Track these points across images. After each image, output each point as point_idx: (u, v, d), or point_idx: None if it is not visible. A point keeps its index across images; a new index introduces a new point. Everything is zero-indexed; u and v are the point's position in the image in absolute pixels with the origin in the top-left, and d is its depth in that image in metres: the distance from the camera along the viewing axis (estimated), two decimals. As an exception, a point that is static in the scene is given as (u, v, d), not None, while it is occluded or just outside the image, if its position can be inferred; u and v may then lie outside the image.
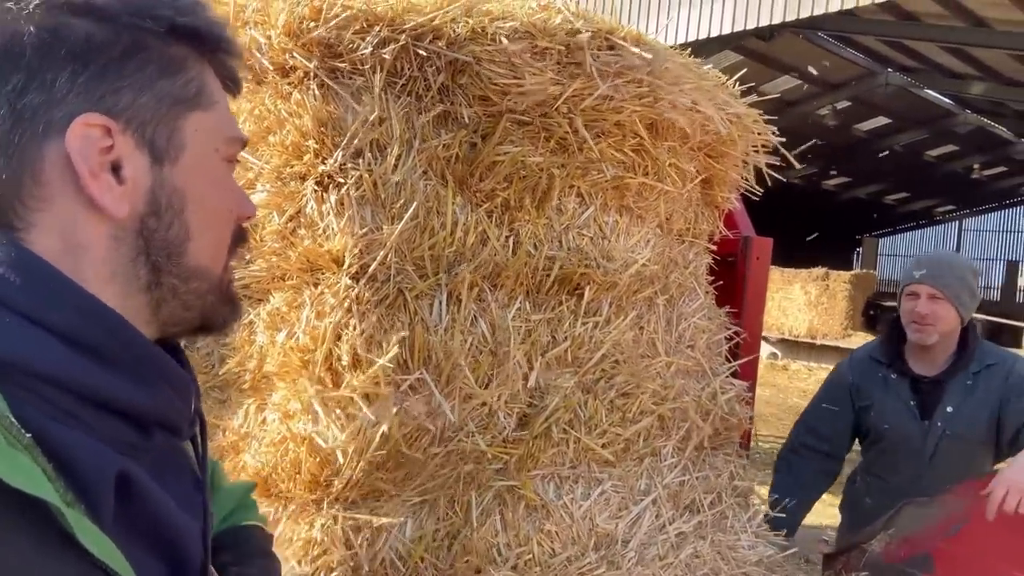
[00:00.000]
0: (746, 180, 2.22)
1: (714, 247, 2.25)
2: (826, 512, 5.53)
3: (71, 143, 0.58)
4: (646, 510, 1.69)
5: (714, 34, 9.86)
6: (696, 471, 1.87)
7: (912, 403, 2.37)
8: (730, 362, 2.16)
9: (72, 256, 0.59)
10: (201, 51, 0.66)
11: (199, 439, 0.74)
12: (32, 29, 0.56)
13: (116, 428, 0.58)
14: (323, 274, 1.48)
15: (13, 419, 0.50)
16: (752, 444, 2.36)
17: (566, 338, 1.69)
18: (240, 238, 0.72)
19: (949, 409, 2.31)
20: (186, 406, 0.67)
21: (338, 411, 1.44)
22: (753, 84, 2.14)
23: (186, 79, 0.64)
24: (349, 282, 1.42)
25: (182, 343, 0.73)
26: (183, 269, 0.65)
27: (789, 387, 10.44)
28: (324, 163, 1.50)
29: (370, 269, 1.43)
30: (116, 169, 0.60)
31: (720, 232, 2.27)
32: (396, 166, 1.51)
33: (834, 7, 8.65)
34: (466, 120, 1.63)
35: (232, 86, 0.71)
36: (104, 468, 0.54)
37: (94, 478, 0.53)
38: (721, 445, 2.03)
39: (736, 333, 2.25)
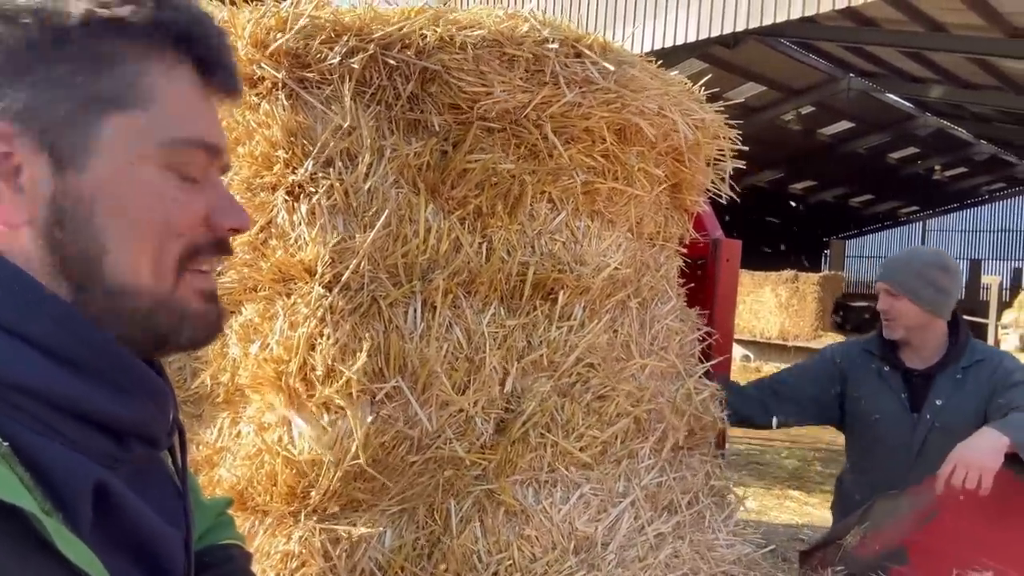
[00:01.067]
0: (714, 184, 2.26)
1: (684, 250, 2.28)
2: (803, 511, 5.61)
3: None
4: (624, 512, 1.70)
5: (679, 42, 10.01)
6: (673, 472, 1.88)
7: (903, 395, 2.42)
8: (703, 363, 2.19)
9: None
10: (145, 44, 0.60)
11: (177, 449, 0.73)
12: None
13: (94, 439, 0.58)
14: (295, 284, 1.47)
15: None
16: (727, 446, 2.39)
17: (541, 343, 1.70)
18: (219, 250, 0.66)
19: (938, 402, 2.36)
20: (164, 416, 0.66)
21: (313, 422, 1.43)
22: (718, 91, 2.18)
23: (112, 76, 0.58)
24: (322, 291, 1.41)
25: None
26: (104, 286, 0.59)
27: (763, 389, 10.55)
28: (294, 173, 1.50)
29: (343, 278, 1.43)
30: (16, 175, 0.56)
31: (690, 235, 2.30)
32: (367, 175, 1.51)
33: (795, 14, 8.82)
34: (436, 128, 1.64)
35: (214, 79, 0.64)
36: (81, 478, 0.54)
37: (71, 488, 0.53)
38: (697, 445, 2.05)
39: (708, 334, 2.27)
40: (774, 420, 2.56)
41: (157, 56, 0.61)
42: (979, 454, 1.99)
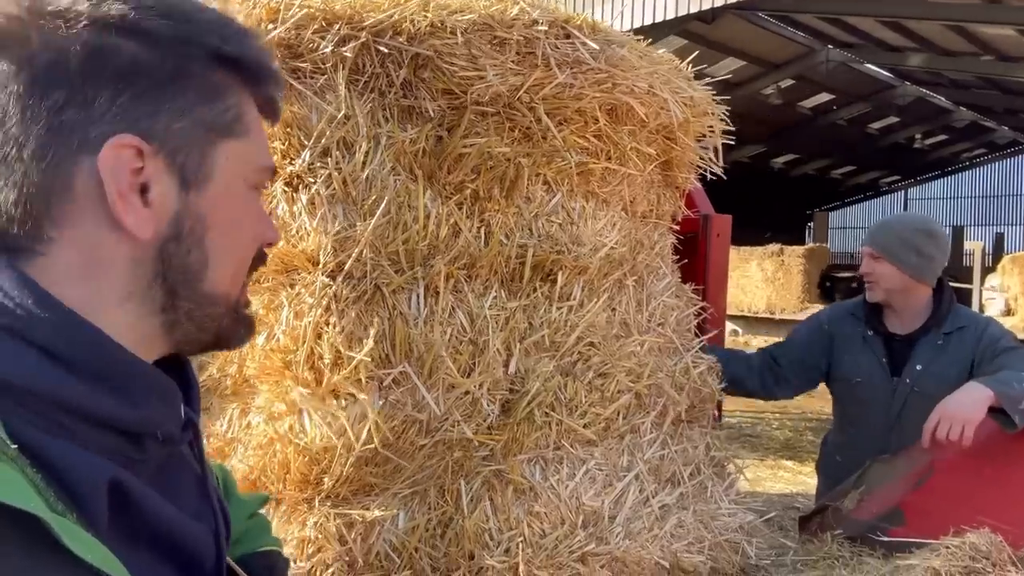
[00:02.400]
0: (703, 160, 2.28)
1: (677, 227, 2.30)
2: (796, 480, 5.69)
3: (104, 162, 0.58)
4: (630, 485, 1.74)
5: (658, 19, 9.99)
6: (674, 444, 1.92)
7: (884, 359, 2.46)
8: (699, 337, 2.22)
9: (91, 273, 0.60)
10: (243, 80, 0.66)
11: (195, 443, 0.74)
12: (79, 47, 0.57)
13: (107, 440, 0.59)
14: (299, 274, 1.48)
15: (0, 431, 0.51)
16: (721, 419, 2.42)
17: (542, 324, 1.73)
18: (259, 262, 0.73)
19: (918, 367, 2.40)
20: (175, 413, 0.67)
21: (323, 409, 1.45)
22: (699, 67, 2.19)
23: (224, 107, 0.65)
24: (326, 280, 1.43)
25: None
26: (199, 295, 0.65)
27: (752, 362, 10.65)
28: (292, 164, 1.50)
29: (346, 267, 1.44)
30: (144, 191, 0.60)
31: (681, 212, 2.33)
32: (364, 163, 1.52)
33: (773, -14, 8.81)
34: (431, 114, 1.65)
35: (270, 114, 0.71)
36: (95, 476, 0.55)
37: (85, 486, 0.54)
38: (696, 418, 2.08)
39: (703, 308, 2.31)
40: (773, 393, 2.61)
41: (247, 90, 0.67)
42: (962, 407, 2.05)
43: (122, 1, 0.59)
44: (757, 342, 13.30)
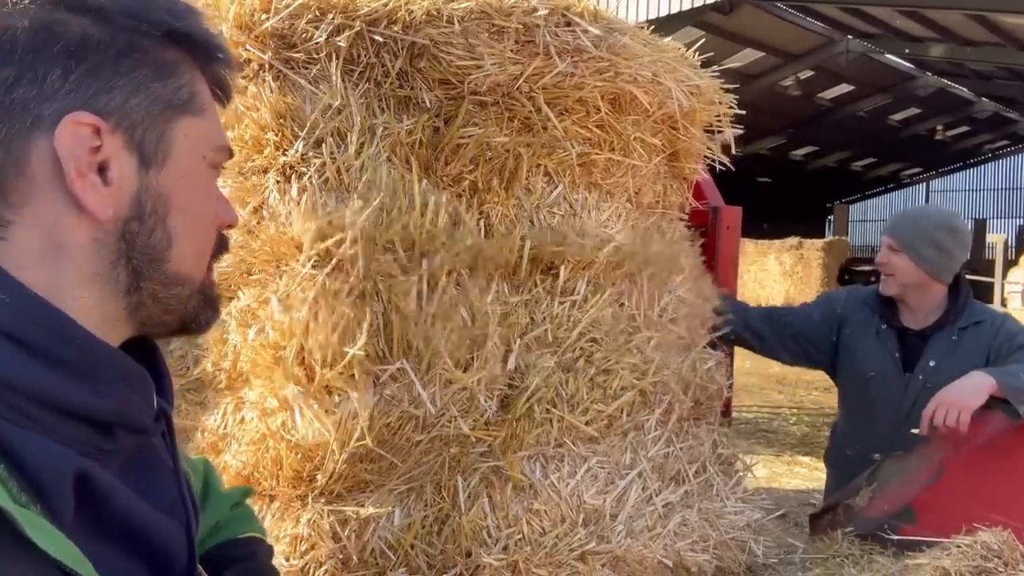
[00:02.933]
0: (711, 151, 2.23)
1: (685, 218, 2.26)
2: (813, 476, 5.63)
3: (60, 140, 0.57)
4: (632, 483, 1.70)
5: (675, 10, 9.90)
6: (680, 442, 1.88)
7: (897, 354, 2.40)
8: (712, 332, 2.17)
9: (52, 255, 0.59)
10: (194, 57, 0.66)
11: (167, 434, 0.72)
12: (26, 23, 0.56)
13: (76, 430, 0.57)
14: (288, 265, 1.46)
15: None
16: (734, 414, 2.38)
17: (544, 318, 1.69)
18: (222, 247, 0.73)
19: (932, 363, 2.34)
20: (146, 402, 0.65)
21: (316, 405, 1.42)
22: (715, 57, 2.14)
23: (178, 84, 0.64)
24: (312, 271, 1.40)
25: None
26: (164, 275, 0.64)
27: (769, 357, 10.57)
28: (285, 154, 1.48)
29: (335, 257, 1.42)
30: (103, 170, 0.59)
31: (689, 203, 2.28)
32: (358, 153, 1.49)
33: (791, -23, 8.70)
34: (428, 104, 1.62)
35: (222, 95, 0.70)
36: (59, 467, 0.53)
37: (49, 478, 0.52)
38: (703, 415, 2.04)
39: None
40: (774, 353, 2.58)
41: (198, 68, 0.67)
42: (961, 393, 2.02)
43: None
44: (775, 337, 13.17)
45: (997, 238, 12.81)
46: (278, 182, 1.48)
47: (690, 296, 2.06)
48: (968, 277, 2.58)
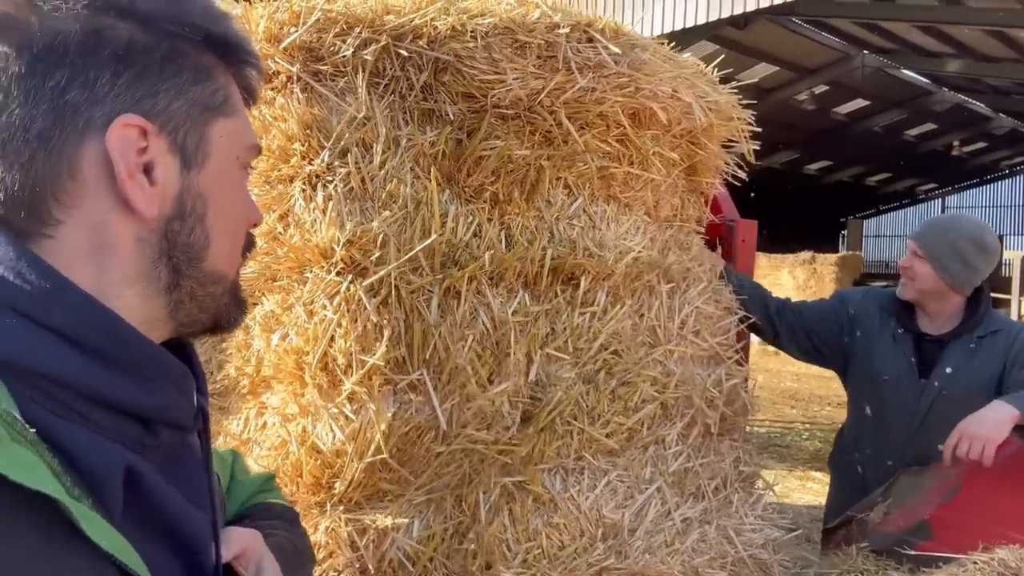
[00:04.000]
0: (728, 166, 2.24)
1: (702, 231, 2.27)
2: (825, 492, 5.57)
3: (111, 142, 0.59)
4: (651, 498, 1.70)
5: (689, 24, 9.91)
6: (701, 457, 1.87)
7: (913, 360, 2.38)
8: (736, 345, 2.17)
9: (98, 255, 0.60)
10: (228, 61, 0.68)
11: (203, 432, 0.74)
12: (77, 28, 0.58)
13: (122, 425, 0.59)
14: (313, 272, 1.47)
15: (17, 415, 0.51)
16: (748, 428, 2.37)
17: (565, 329, 1.70)
18: (250, 245, 0.74)
19: (948, 370, 2.31)
20: (188, 401, 0.67)
21: (336, 412, 1.43)
22: (731, 72, 2.15)
23: (215, 87, 0.66)
24: (337, 278, 1.42)
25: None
26: (202, 273, 0.66)
27: (782, 371, 10.50)
28: (311, 164, 1.50)
29: (360, 265, 1.43)
30: (148, 171, 0.61)
31: (706, 217, 2.29)
32: (383, 164, 1.51)
33: (807, -8, 8.70)
34: (451, 117, 1.63)
35: (249, 97, 0.72)
36: (111, 463, 0.55)
37: (101, 472, 0.54)
38: (727, 431, 2.03)
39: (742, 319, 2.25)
40: (782, 344, 2.56)
41: (230, 71, 0.69)
42: (984, 425, 1.98)
43: None
44: (788, 351, 13.08)
45: (1015, 255, 12.69)
46: (303, 191, 1.50)
47: (710, 307, 2.06)
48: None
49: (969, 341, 2.33)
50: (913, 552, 1.97)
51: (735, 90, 2.17)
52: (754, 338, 2.62)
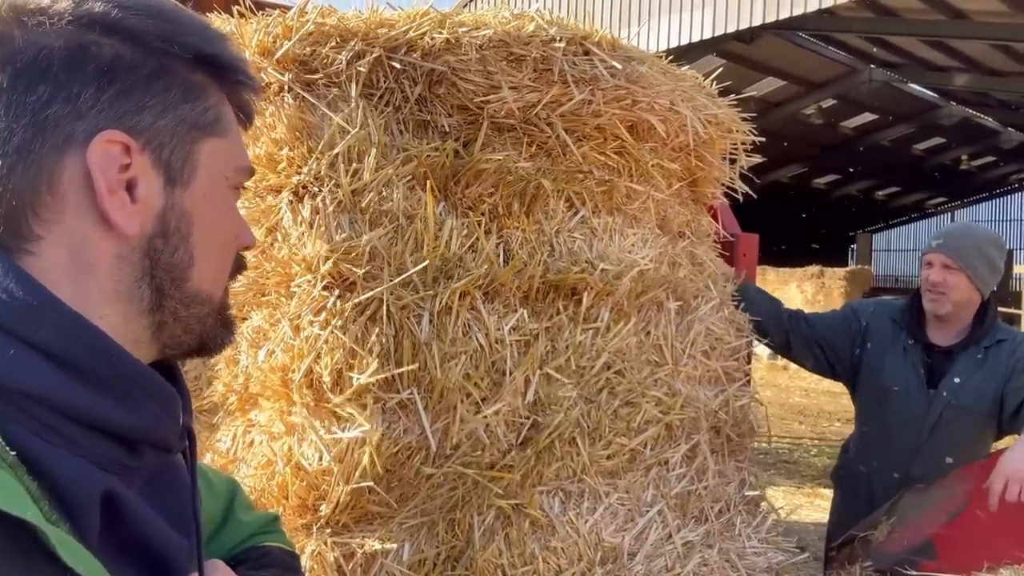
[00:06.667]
0: (731, 179, 2.21)
1: (717, 246, 2.24)
2: (835, 511, 5.48)
3: (92, 158, 0.58)
4: (652, 521, 1.65)
5: (695, 39, 9.93)
6: (705, 480, 1.82)
7: (922, 370, 2.34)
8: (747, 365, 2.12)
9: (78, 272, 0.59)
10: (221, 81, 0.67)
11: (188, 453, 0.72)
12: (62, 43, 0.58)
13: (103, 447, 0.58)
14: (299, 286, 1.44)
15: None
16: (755, 444, 2.33)
17: (567, 347, 1.66)
18: (239, 267, 0.73)
19: (956, 380, 2.28)
20: (174, 421, 0.66)
21: (322, 431, 1.40)
22: (733, 86, 2.13)
23: (205, 106, 0.65)
24: (324, 293, 1.38)
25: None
26: (185, 293, 0.65)
27: (791, 386, 10.41)
28: (299, 173, 1.47)
29: (349, 280, 1.40)
30: (131, 188, 0.60)
31: (718, 231, 2.26)
32: (375, 174, 1.48)
33: (812, 7, 8.71)
34: (446, 129, 1.61)
35: (244, 118, 0.71)
36: (89, 487, 0.54)
37: (79, 497, 0.54)
38: (733, 452, 1.98)
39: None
40: (791, 354, 2.53)
41: (224, 91, 0.68)
42: None
43: (104, 0, 0.59)
44: (795, 366, 13.00)
45: (1024, 269, 12.58)
46: (291, 202, 1.47)
47: (722, 327, 2.01)
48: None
49: (977, 352, 2.32)
50: (916, 572, 1.92)
51: (735, 103, 2.14)
52: (763, 352, 2.59)
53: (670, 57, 2.05)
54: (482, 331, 1.55)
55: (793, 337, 2.49)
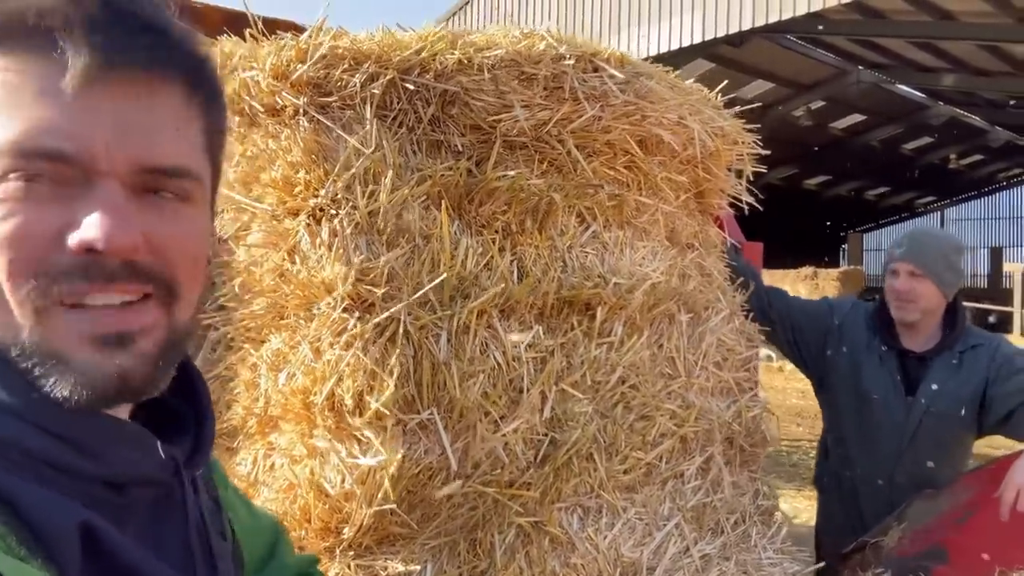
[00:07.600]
0: (736, 189, 2.23)
1: (725, 257, 2.25)
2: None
3: None
4: (670, 535, 1.66)
5: (686, 44, 9.98)
6: (720, 492, 1.83)
7: (899, 377, 2.36)
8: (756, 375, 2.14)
9: None
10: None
11: (199, 486, 0.69)
12: None
13: (81, 485, 0.56)
14: (319, 309, 1.44)
15: None
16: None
17: (583, 363, 1.67)
18: (89, 274, 0.53)
19: (934, 386, 2.30)
20: (151, 457, 0.61)
21: (344, 454, 1.40)
22: (727, 88, 2.14)
23: None
24: (343, 315, 1.39)
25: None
26: None
27: (787, 388, 10.43)
28: (316, 196, 1.48)
29: (368, 301, 1.40)
30: None
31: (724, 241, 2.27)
32: (391, 196, 1.49)
33: (801, 10, 8.78)
34: (459, 148, 1.62)
35: (84, 51, 0.52)
36: (62, 519, 0.51)
37: (53, 530, 0.51)
38: (746, 462, 2.00)
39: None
40: (766, 317, 2.52)
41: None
42: None
43: None
44: (790, 367, 13.03)
45: (1014, 267, 12.68)
46: (308, 225, 1.47)
47: (732, 338, 2.02)
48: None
49: (951, 357, 2.33)
50: None
51: (740, 115, 2.16)
52: (761, 355, 2.59)
53: (661, 61, 2.07)
54: (499, 349, 1.55)
55: (772, 307, 2.51)
